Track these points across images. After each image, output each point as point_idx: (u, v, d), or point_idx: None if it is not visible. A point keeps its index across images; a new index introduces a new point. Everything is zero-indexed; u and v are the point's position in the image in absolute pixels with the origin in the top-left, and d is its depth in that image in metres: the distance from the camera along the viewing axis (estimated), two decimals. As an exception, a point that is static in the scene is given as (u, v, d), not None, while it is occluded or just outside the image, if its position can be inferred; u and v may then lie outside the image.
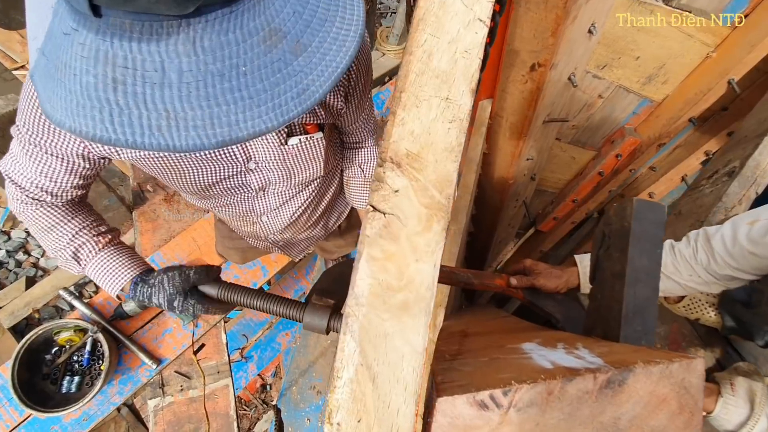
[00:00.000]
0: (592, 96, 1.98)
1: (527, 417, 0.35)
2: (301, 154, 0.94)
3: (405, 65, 0.38)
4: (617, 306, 0.58)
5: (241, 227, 1.27)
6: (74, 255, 0.89)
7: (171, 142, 0.41)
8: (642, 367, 0.37)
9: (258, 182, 1.00)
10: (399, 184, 0.37)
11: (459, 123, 0.38)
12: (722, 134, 2.05)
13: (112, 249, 0.91)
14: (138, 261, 0.93)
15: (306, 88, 0.45)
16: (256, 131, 0.43)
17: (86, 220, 0.92)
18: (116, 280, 0.88)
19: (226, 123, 0.42)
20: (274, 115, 0.44)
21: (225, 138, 0.43)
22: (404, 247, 0.36)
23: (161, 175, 0.89)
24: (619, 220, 0.64)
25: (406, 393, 0.35)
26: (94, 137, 0.41)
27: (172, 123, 0.41)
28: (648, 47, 1.77)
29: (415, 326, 0.35)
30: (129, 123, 0.41)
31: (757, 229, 0.81)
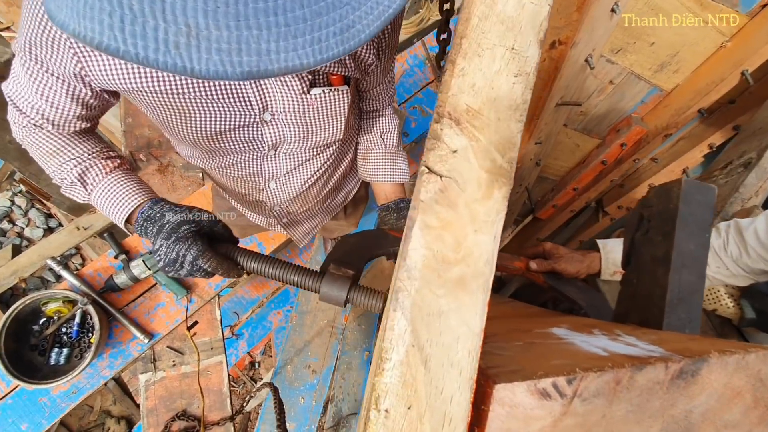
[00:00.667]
0: (604, 81, 1.94)
1: (593, 408, 0.32)
2: (324, 107, 0.86)
3: (467, 6, 0.33)
4: (659, 292, 0.55)
5: (245, 195, 1.17)
6: (80, 177, 0.83)
7: (189, 64, 0.35)
8: (717, 357, 0.34)
9: (272, 137, 0.91)
10: (458, 143, 0.32)
11: (525, 77, 0.34)
12: (728, 127, 2.03)
13: (120, 173, 0.85)
14: (148, 188, 0.86)
15: (351, 26, 0.38)
16: (288, 66, 0.37)
17: (94, 147, 0.85)
18: (125, 204, 0.81)
19: (256, 51, 0.36)
20: (312, 51, 0.37)
21: (252, 68, 0.36)
22: (462, 215, 0.32)
23: (163, 118, 0.81)
24: (664, 202, 0.60)
25: (460, 378, 0.31)
26: (100, 45, 0.34)
27: (193, 41, 0.34)
28: (664, 33, 1.72)
29: (472, 304, 0.31)
30: (142, 34, 0.34)
31: None
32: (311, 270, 0.70)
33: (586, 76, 1.63)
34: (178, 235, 0.73)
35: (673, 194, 0.59)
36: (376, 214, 2.13)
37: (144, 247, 1.62)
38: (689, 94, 1.98)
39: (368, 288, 0.65)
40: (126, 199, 0.81)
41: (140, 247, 1.63)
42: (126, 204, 0.81)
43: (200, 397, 1.61)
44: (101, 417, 3.74)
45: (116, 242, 1.56)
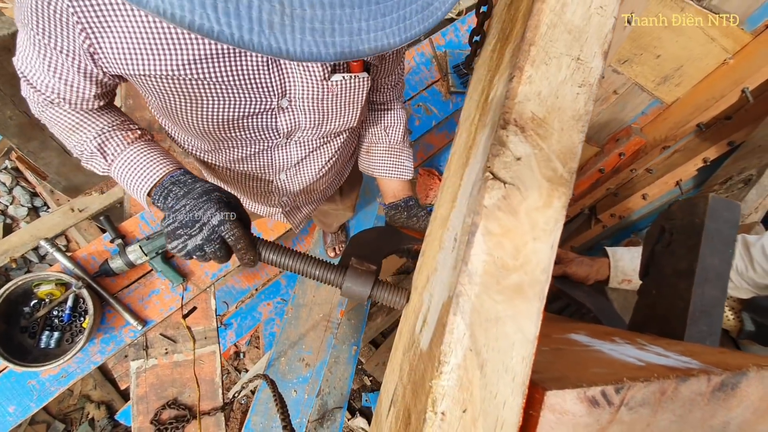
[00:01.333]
0: (608, 91, 1.97)
1: (638, 417, 0.33)
2: (343, 94, 0.84)
3: (536, 14, 0.33)
4: (682, 304, 0.56)
5: (251, 189, 1.13)
6: (100, 148, 0.80)
7: (284, 45, 0.33)
8: (755, 371, 0.35)
9: (286, 125, 0.88)
10: (522, 151, 0.32)
11: (589, 88, 0.34)
12: (723, 143, 2.08)
13: (143, 144, 0.81)
14: (171, 158, 0.81)
15: (431, 2, 0.37)
16: (378, 46, 0.35)
17: (115, 120, 0.83)
18: (149, 174, 0.77)
19: (348, 31, 0.34)
20: (398, 29, 0.36)
21: (345, 49, 0.35)
22: (523, 223, 0.32)
23: (173, 105, 0.77)
24: (688, 216, 0.62)
25: (513, 384, 0.31)
26: (192, 25, 0.32)
27: (287, 21, 0.32)
28: (671, 46, 1.76)
29: (528, 311, 0.32)
30: (236, 13, 0.31)
31: None
32: (333, 264, 0.69)
33: (593, 84, 1.65)
34: (210, 196, 0.69)
35: (699, 209, 0.60)
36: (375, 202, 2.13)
37: (141, 233, 1.59)
38: (689, 108, 2.02)
39: (391, 284, 0.65)
40: (151, 168, 0.77)
41: (137, 233, 1.60)
42: (151, 173, 0.77)
43: (192, 386, 1.59)
44: (81, 401, 3.67)
45: (113, 226, 1.53)
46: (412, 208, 1.03)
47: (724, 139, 2.08)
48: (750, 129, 1.93)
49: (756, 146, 1.56)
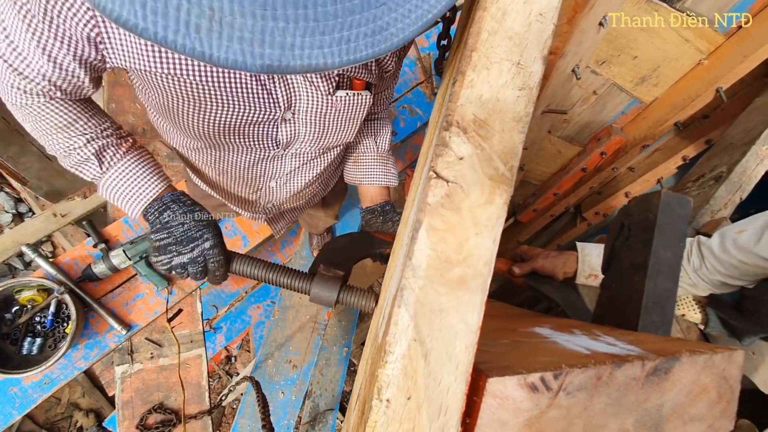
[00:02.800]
0: (588, 91, 2.00)
1: (576, 401, 0.34)
2: (345, 110, 0.84)
3: (478, 21, 0.35)
4: (636, 296, 0.58)
5: (239, 194, 1.12)
6: (97, 154, 0.78)
7: (208, 50, 0.33)
8: (688, 356, 0.37)
9: (287, 136, 0.88)
10: (464, 151, 0.34)
11: (529, 92, 0.36)
12: (701, 141, 2.13)
13: (136, 155, 0.81)
14: (165, 174, 0.83)
15: (384, 28, 0.36)
16: (311, 64, 0.35)
17: (105, 120, 0.80)
18: (146, 191, 0.78)
19: (279, 44, 0.34)
20: (338, 51, 0.35)
21: (273, 62, 0.34)
22: (465, 219, 0.33)
23: (174, 104, 0.75)
24: (644, 211, 0.64)
25: (457, 372, 0.33)
26: (119, 18, 0.32)
27: (215, 26, 0.33)
28: (646, 48, 1.79)
29: (471, 303, 0.33)
30: (164, 12, 0.32)
31: (745, 238, 0.88)
32: (301, 272, 0.71)
33: (571, 85, 1.68)
34: (208, 221, 0.75)
35: (652, 205, 0.63)
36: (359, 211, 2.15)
37: (125, 237, 1.59)
38: (667, 108, 2.07)
39: (358, 288, 0.67)
40: (150, 182, 0.79)
41: (120, 237, 1.60)
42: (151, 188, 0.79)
43: (178, 390, 1.59)
44: (69, 409, 3.63)
45: (96, 231, 1.52)
46: (388, 213, 1.04)
47: (701, 138, 2.13)
48: (726, 127, 1.98)
49: (728, 144, 1.60)
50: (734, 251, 0.88)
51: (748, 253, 0.86)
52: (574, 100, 2.06)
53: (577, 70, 1.45)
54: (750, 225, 0.89)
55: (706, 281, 0.94)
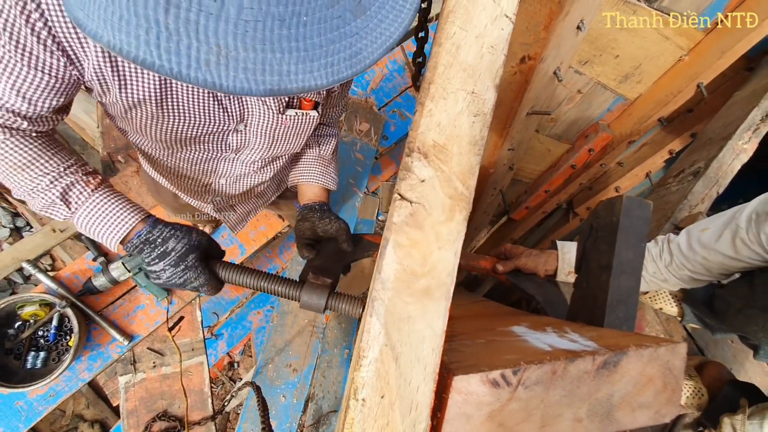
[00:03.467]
0: (572, 91, 2.04)
1: (533, 394, 0.38)
2: (293, 126, 0.92)
3: (434, 56, 0.39)
4: (603, 295, 0.62)
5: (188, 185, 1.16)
6: (62, 196, 0.76)
7: (218, 80, 0.39)
8: (634, 350, 0.41)
9: (237, 143, 0.94)
10: (425, 174, 0.38)
11: (483, 117, 0.40)
12: (686, 135, 2.18)
13: (106, 191, 0.79)
14: (139, 206, 0.82)
15: (359, 52, 0.43)
16: (305, 86, 0.42)
17: (70, 157, 0.79)
18: (120, 225, 0.76)
19: (278, 72, 0.41)
20: (325, 73, 0.42)
21: (274, 87, 0.41)
22: (428, 235, 0.37)
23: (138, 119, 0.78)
24: (608, 215, 0.68)
25: (425, 372, 0.37)
26: (136, 59, 0.38)
27: (222, 60, 0.39)
28: (627, 47, 1.84)
29: (436, 310, 0.37)
30: (176, 51, 0.38)
31: (707, 236, 0.94)
32: (291, 280, 0.75)
33: (555, 87, 1.72)
34: (186, 263, 0.76)
35: (616, 208, 0.67)
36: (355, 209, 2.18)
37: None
38: (651, 104, 2.11)
39: (346, 295, 0.70)
40: (120, 220, 0.77)
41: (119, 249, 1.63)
42: (120, 226, 0.77)
43: (181, 398, 1.63)
44: (74, 421, 3.65)
45: (95, 245, 1.55)
46: (325, 213, 1.08)
47: (686, 131, 2.17)
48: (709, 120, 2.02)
49: (707, 139, 1.64)
50: (698, 248, 0.94)
51: (710, 250, 0.92)
52: (559, 99, 2.10)
53: (558, 73, 1.49)
54: (712, 223, 0.94)
55: (677, 276, 1.00)
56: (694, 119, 2.14)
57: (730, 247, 0.91)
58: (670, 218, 1.32)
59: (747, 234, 0.88)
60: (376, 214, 2.40)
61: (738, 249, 0.90)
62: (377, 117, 2.21)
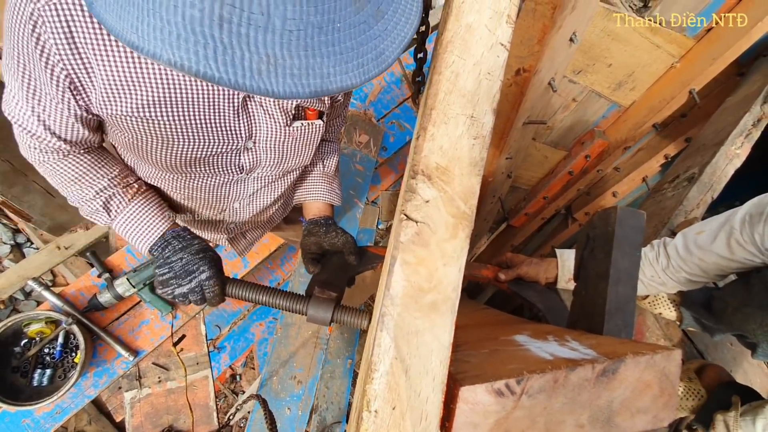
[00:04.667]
0: (567, 99, 2.08)
1: (537, 402, 0.40)
2: (301, 137, 0.95)
3: (435, 84, 0.42)
4: (601, 303, 0.64)
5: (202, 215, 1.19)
6: (105, 205, 0.89)
7: (270, 87, 0.43)
8: (631, 357, 0.43)
9: (249, 162, 0.97)
10: (429, 194, 0.40)
11: (482, 139, 0.42)
12: (680, 140, 2.21)
13: (141, 199, 0.91)
14: (168, 212, 0.94)
15: (382, 52, 0.48)
16: (342, 86, 0.46)
17: (112, 170, 0.90)
18: (150, 232, 0.88)
19: (319, 74, 0.45)
20: (359, 73, 0.47)
21: (317, 88, 0.45)
22: (434, 253, 0.39)
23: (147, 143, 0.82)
24: (604, 225, 0.71)
25: (434, 383, 0.39)
26: (197, 72, 0.42)
27: (272, 68, 0.43)
28: (620, 55, 1.87)
29: (443, 324, 0.39)
30: (232, 62, 0.42)
31: (703, 238, 0.97)
32: (298, 295, 0.77)
33: (550, 96, 1.76)
34: (205, 255, 0.84)
35: (611, 219, 0.69)
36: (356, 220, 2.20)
37: (128, 265, 1.63)
38: (644, 110, 2.15)
39: (351, 307, 0.72)
40: (152, 225, 0.89)
41: (123, 265, 1.64)
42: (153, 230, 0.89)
43: (186, 413, 1.63)
44: (76, 437, 3.62)
45: (99, 261, 1.57)
46: (330, 227, 1.11)
47: (681, 136, 2.21)
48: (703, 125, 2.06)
49: (701, 145, 1.67)
50: (695, 250, 0.96)
51: (706, 252, 0.95)
52: (555, 108, 2.14)
53: (553, 83, 1.52)
54: (707, 226, 0.97)
55: (674, 279, 1.02)
56: (689, 124, 2.17)
57: (726, 248, 0.94)
58: (666, 224, 1.34)
59: (741, 235, 0.91)
60: (376, 223, 2.42)
61: (733, 250, 0.93)
62: (376, 128, 2.24)
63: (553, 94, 1.81)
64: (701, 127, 2.07)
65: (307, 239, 1.06)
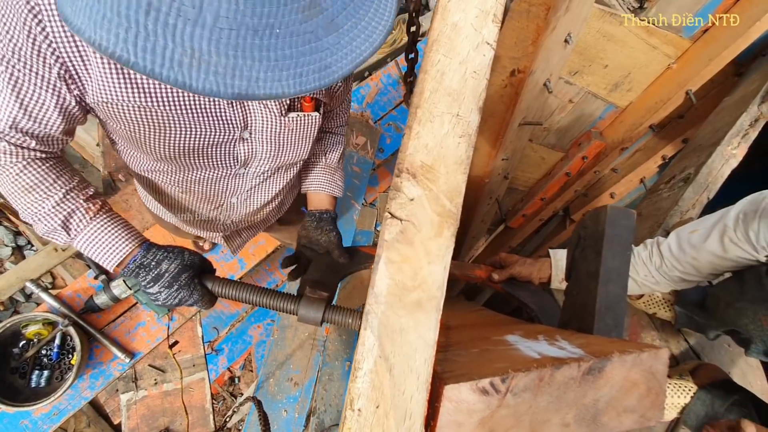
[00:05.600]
0: (564, 100, 2.08)
1: (522, 401, 0.40)
2: (297, 129, 0.93)
3: (420, 83, 0.42)
4: (591, 302, 0.64)
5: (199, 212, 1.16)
6: (64, 224, 0.79)
7: (188, 81, 0.42)
8: (618, 356, 0.43)
9: (245, 154, 0.95)
10: (414, 193, 0.40)
11: (468, 138, 0.42)
12: (678, 140, 2.21)
13: (104, 217, 0.81)
14: (135, 231, 0.84)
15: (328, 66, 0.46)
16: (271, 93, 0.44)
17: (73, 179, 0.81)
18: (116, 251, 0.79)
19: (247, 77, 0.43)
20: (294, 83, 0.45)
21: (242, 91, 0.44)
22: (418, 251, 0.39)
23: (138, 132, 0.80)
24: (594, 224, 0.71)
25: (418, 382, 0.38)
26: (113, 54, 0.41)
27: (195, 63, 0.42)
28: (616, 56, 1.88)
29: (427, 322, 0.39)
30: (152, 50, 0.41)
31: (696, 237, 0.97)
32: (289, 294, 0.77)
33: (546, 97, 1.76)
34: (180, 283, 0.79)
35: (601, 218, 0.69)
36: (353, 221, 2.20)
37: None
38: (641, 111, 2.15)
39: (342, 307, 0.72)
40: (116, 246, 0.79)
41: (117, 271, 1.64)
42: (117, 252, 0.79)
43: (182, 415, 1.63)
44: (75, 440, 3.61)
45: (96, 263, 1.57)
46: (324, 220, 1.08)
47: (678, 137, 2.21)
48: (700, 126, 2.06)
49: (697, 145, 1.67)
50: (688, 249, 0.97)
51: (700, 250, 0.95)
52: (551, 109, 2.14)
53: (548, 84, 1.52)
54: (701, 225, 0.97)
55: (667, 278, 1.02)
56: (686, 125, 2.17)
57: (719, 246, 0.94)
58: (662, 224, 1.34)
59: (735, 233, 0.91)
60: (374, 225, 2.42)
61: (726, 248, 0.94)
62: (373, 130, 2.24)
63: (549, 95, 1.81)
64: (698, 128, 2.08)
65: (301, 231, 1.06)
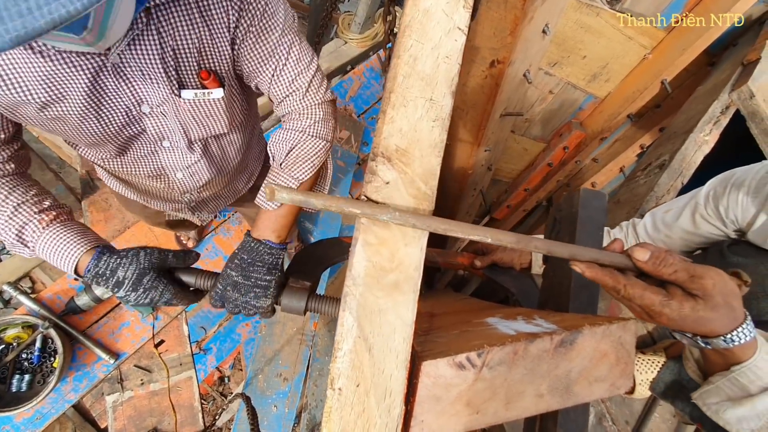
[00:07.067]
0: (544, 91, 2.11)
1: (497, 374, 0.41)
2: (197, 110, 0.88)
3: (393, 68, 0.42)
4: (567, 282, 0.66)
5: (156, 189, 1.16)
6: (18, 237, 0.78)
7: None
8: (588, 328, 0.45)
9: (154, 127, 0.91)
10: (389, 176, 0.41)
11: (441, 122, 0.43)
12: (655, 129, 2.27)
13: (58, 226, 0.79)
14: (91, 236, 0.81)
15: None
16: (55, 17, 0.38)
17: (26, 194, 0.80)
18: (68, 256, 0.76)
19: (17, 13, 0.37)
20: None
21: (20, 32, 0.38)
22: (395, 233, 0.40)
23: (60, 131, 0.82)
24: (568, 206, 0.72)
25: (397, 360, 0.39)
26: None
27: None
28: (594, 47, 1.91)
29: (405, 302, 0.40)
30: None
31: (670, 216, 1.01)
32: None
33: (526, 88, 1.78)
34: (145, 286, 0.75)
35: (575, 200, 0.71)
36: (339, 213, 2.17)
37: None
38: (619, 101, 2.19)
39: (325, 296, 0.73)
40: (67, 251, 0.77)
41: (102, 267, 1.61)
42: (68, 256, 0.77)
43: (170, 414, 1.62)
44: (61, 446, 3.54)
45: (76, 263, 1.54)
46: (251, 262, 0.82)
47: (655, 126, 2.26)
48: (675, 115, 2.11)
49: (672, 133, 1.72)
50: (662, 228, 1.01)
51: (673, 228, 1.00)
52: (532, 100, 2.17)
53: (528, 75, 1.54)
54: (674, 204, 1.02)
55: None
56: (662, 114, 2.23)
57: (691, 222, 0.99)
58: (638, 209, 1.38)
59: (706, 209, 0.97)
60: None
61: (698, 224, 0.99)
62: (356, 124, 2.24)
63: (528, 86, 1.83)
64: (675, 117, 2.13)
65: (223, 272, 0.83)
